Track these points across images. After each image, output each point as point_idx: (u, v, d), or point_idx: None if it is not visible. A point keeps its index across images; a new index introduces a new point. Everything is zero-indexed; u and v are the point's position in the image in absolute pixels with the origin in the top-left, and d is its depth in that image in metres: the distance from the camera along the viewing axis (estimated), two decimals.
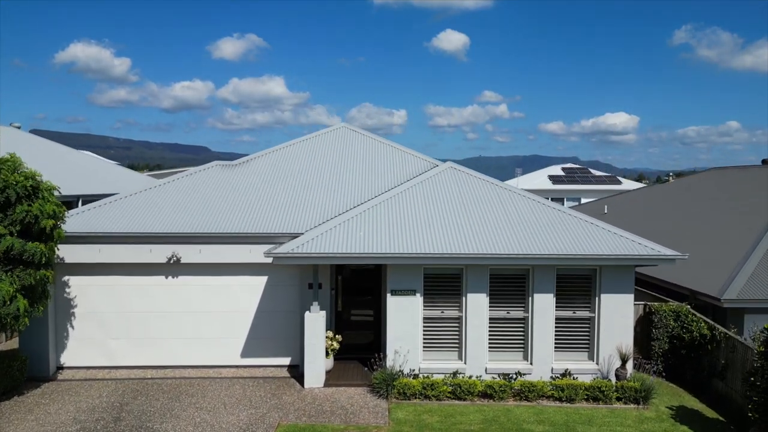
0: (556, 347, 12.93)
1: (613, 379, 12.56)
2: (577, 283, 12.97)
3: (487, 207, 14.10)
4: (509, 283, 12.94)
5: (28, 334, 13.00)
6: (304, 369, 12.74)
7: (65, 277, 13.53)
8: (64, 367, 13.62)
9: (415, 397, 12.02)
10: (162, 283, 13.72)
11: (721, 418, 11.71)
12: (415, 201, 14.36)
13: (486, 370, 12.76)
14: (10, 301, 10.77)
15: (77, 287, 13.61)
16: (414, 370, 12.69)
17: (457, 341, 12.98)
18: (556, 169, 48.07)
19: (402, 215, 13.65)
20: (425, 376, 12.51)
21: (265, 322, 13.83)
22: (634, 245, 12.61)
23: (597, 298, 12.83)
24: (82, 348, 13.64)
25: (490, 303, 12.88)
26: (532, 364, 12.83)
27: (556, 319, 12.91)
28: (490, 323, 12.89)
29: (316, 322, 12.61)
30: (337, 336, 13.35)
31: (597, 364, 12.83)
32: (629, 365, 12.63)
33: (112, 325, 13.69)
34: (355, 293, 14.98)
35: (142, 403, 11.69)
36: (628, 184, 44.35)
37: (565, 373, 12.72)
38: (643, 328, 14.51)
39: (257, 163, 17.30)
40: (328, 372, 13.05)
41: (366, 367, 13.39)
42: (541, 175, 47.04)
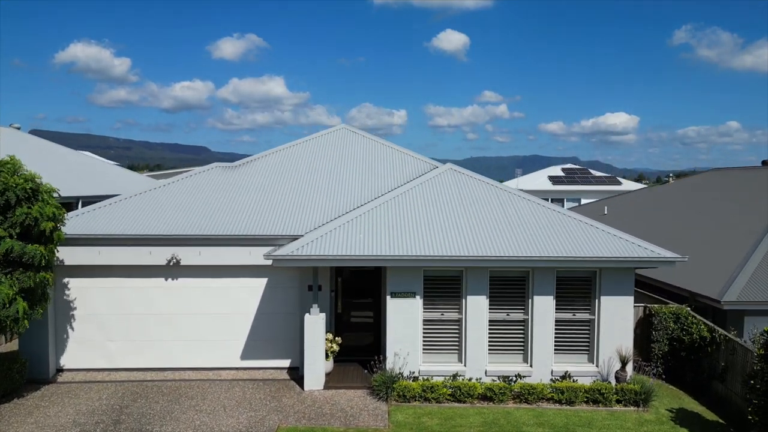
0: (555, 349, 12.93)
1: (612, 382, 12.55)
2: (577, 286, 12.97)
3: (487, 209, 14.10)
4: (509, 285, 12.94)
5: (28, 336, 13.00)
6: (303, 371, 12.73)
7: (65, 279, 13.53)
8: (63, 369, 13.61)
9: (414, 400, 12.01)
10: (162, 285, 13.72)
11: (721, 421, 11.70)
12: (415, 203, 14.35)
13: (486, 373, 12.76)
14: (9, 303, 10.77)
15: (77, 289, 13.61)
16: (414, 373, 12.68)
17: (456, 343, 12.97)
18: (556, 170, 48.03)
19: (402, 217, 13.65)
20: (425, 378, 12.50)
21: (265, 324, 13.83)
22: (633, 247, 12.60)
23: (597, 301, 12.82)
24: (81, 350, 13.64)
25: (490, 305, 12.88)
26: (531, 366, 12.83)
27: (556, 321, 12.90)
28: (489, 325, 12.88)
29: (315, 325, 12.60)
30: (336, 338, 13.35)
31: (597, 366, 12.83)
32: (629, 367, 12.62)
33: (111, 327, 13.68)
34: (354, 295, 14.97)
35: (141, 406, 11.68)
36: (628, 185, 44.34)
37: (565, 376, 12.72)
38: (643, 330, 14.50)
39: (257, 165, 17.30)
40: (327, 374, 13.04)
41: (366, 369, 13.38)
42: (541, 176, 47.00)
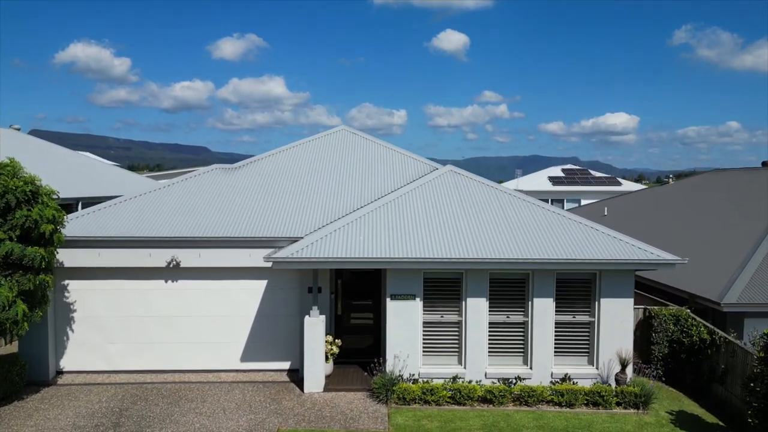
0: (555, 352, 12.92)
1: (612, 384, 12.54)
2: (577, 288, 12.96)
3: (487, 210, 14.10)
4: (509, 287, 12.93)
5: (28, 339, 12.99)
6: (303, 373, 12.73)
7: (65, 282, 13.52)
8: (63, 372, 13.60)
9: (414, 402, 12.00)
10: (161, 287, 13.71)
11: (721, 423, 11.69)
12: (415, 204, 14.35)
13: (486, 375, 12.75)
14: (9, 306, 10.77)
15: (77, 291, 13.61)
16: (414, 375, 12.68)
17: (456, 346, 12.96)
18: (556, 170, 48.03)
19: (402, 219, 13.64)
20: (425, 380, 12.49)
21: (265, 326, 13.82)
22: (633, 249, 12.60)
23: (597, 303, 12.82)
24: (81, 352, 13.63)
25: (490, 307, 12.87)
26: (531, 368, 12.82)
27: (556, 323, 12.89)
28: (489, 328, 12.87)
29: (315, 327, 12.60)
30: (336, 340, 13.34)
31: (597, 368, 12.82)
32: (629, 370, 12.62)
33: (111, 329, 13.68)
34: (354, 297, 14.97)
35: (141, 408, 11.67)
36: (628, 186, 44.35)
37: (565, 378, 12.72)
38: (643, 332, 14.50)
39: (257, 166, 17.30)
40: (327, 376, 13.04)
41: (366, 371, 13.38)
42: (541, 176, 47.01)
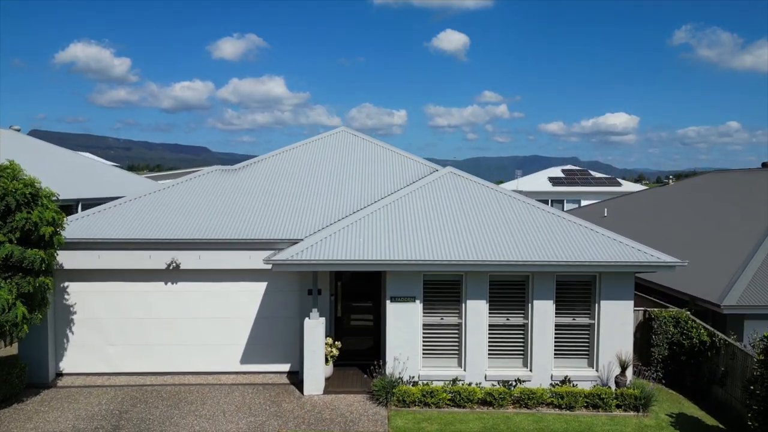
0: (555, 354, 12.91)
1: (612, 386, 12.54)
2: (577, 290, 12.96)
3: (487, 212, 14.09)
4: (509, 289, 12.93)
5: (28, 341, 12.98)
6: (303, 376, 12.72)
7: (64, 284, 13.52)
8: (63, 374, 13.60)
9: (414, 405, 12.00)
10: (161, 289, 13.70)
11: (721, 426, 11.68)
12: (415, 206, 14.34)
13: (485, 377, 12.74)
14: (9, 308, 10.77)
15: (76, 293, 13.60)
16: (413, 377, 12.67)
17: (456, 348, 12.96)
18: (556, 171, 48.02)
19: (401, 221, 13.63)
20: (425, 383, 12.48)
21: (265, 329, 13.82)
22: (633, 252, 12.59)
23: (596, 305, 12.81)
24: (81, 354, 13.62)
25: (490, 309, 12.86)
26: (531, 371, 12.81)
27: (556, 325, 12.88)
28: (489, 330, 12.86)
29: (315, 329, 12.59)
30: (336, 342, 13.34)
31: (597, 371, 12.81)
32: (629, 372, 12.61)
33: (111, 331, 13.68)
34: (354, 298, 14.96)
35: (141, 411, 11.67)
36: (628, 186, 44.35)
37: (565, 380, 12.71)
38: (643, 334, 14.49)
39: (257, 168, 17.30)
40: (327, 379, 13.03)
41: (365, 373, 13.38)
42: (541, 177, 47.00)
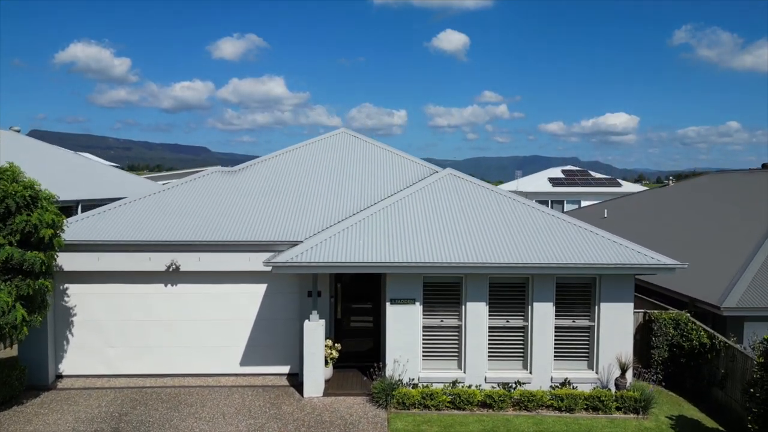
0: (555, 356, 12.91)
1: (612, 389, 12.53)
2: (577, 292, 12.95)
3: (487, 214, 14.08)
4: (509, 291, 12.92)
5: (28, 343, 12.97)
6: (303, 378, 12.72)
7: (64, 285, 13.51)
8: (63, 376, 13.60)
9: (414, 407, 11.99)
10: (161, 291, 13.70)
11: (721, 428, 11.67)
12: (415, 208, 14.33)
13: (485, 380, 12.74)
14: (8, 311, 10.76)
15: (76, 295, 13.60)
16: (413, 380, 12.66)
17: (456, 350, 12.95)
18: (556, 172, 48.01)
19: (401, 223, 13.63)
20: (424, 385, 12.48)
21: (265, 330, 13.81)
22: (633, 254, 12.58)
23: (596, 307, 12.80)
24: (81, 356, 13.62)
25: (490, 312, 12.86)
26: (531, 373, 12.81)
27: (556, 327, 12.88)
28: (489, 332, 12.86)
29: (315, 332, 12.59)
30: (336, 344, 13.33)
31: (597, 373, 12.81)
32: (629, 374, 12.60)
33: (111, 333, 13.67)
34: (354, 300, 14.95)
35: (140, 413, 11.66)
36: (628, 187, 44.36)
37: (565, 383, 12.70)
38: (643, 336, 14.48)
39: (257, 169, 17.29)
40: (327, 381, 13.02)
41: (365, 375, 13.38)
42: (541, 178, 46.99)
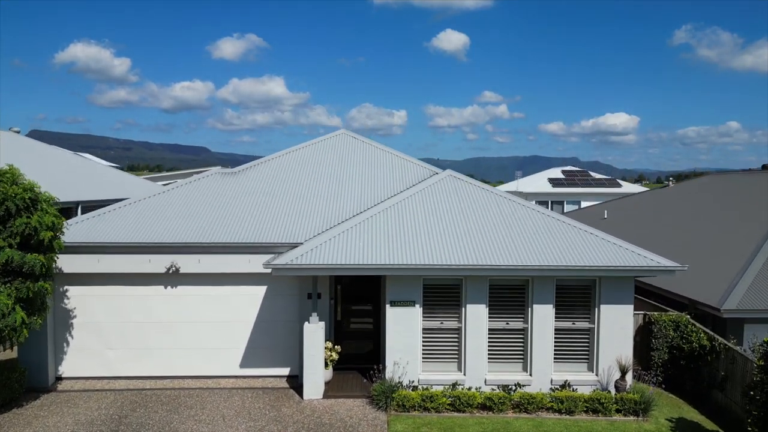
0: (555, 358, 12.91)
1: (612, 391, 12.53)
2: (577, 294, 12.95)
3: (487, 216, 14.08)
4: (509, 293, 12.92)
5: (27, 345, 12.96)
6: (303, 380, 12.72)
7: (64, 287, 13.51)
8: (62, 378, 13.59)
9: (414, 409, 11.99)
10: (161, 293, 13.70)
11: (721, 431, 11.67)
12: (415, 210, 14.33)
13: (485, 382, 12.73)
14: (8, 313, 10.76)
15: (76, 297, 13.59)
16: (413, 382, 12.66)
17: (456, 352, 12.95)
18: (556, 172, 47.98)
19: (401, 225, 13.62)
20: (424, 387, 12.48)
21: (264, 332, 13.81)
22: (633, 256, 12.58)
23: (596, 309, 12.80)
24: (80, 358, 13.62)
25: (490, 314, 12.85)
26: (531, 375, 12.81)
27: (556, 330, 12.88)
28: (489, 334, 12.86)
29: (315, 334, 12.59)
30: (336, 347, 13.33)
31: (596, 375, 12.81)
32: (629, 377, 12.60)
33: (110, 335, 13.67)
34: (354, 301, 14.95)
35: (140, 416, 11.65)
36: (628, 187, 44.36)
37: (565, 385, 12.70)
38: (643, 337, 14.48)
39: (257, 171, 17.29)
40: (327, 383, 13.02)
41: (365, 377, 13.37)
42: (541, 178, 46.96)
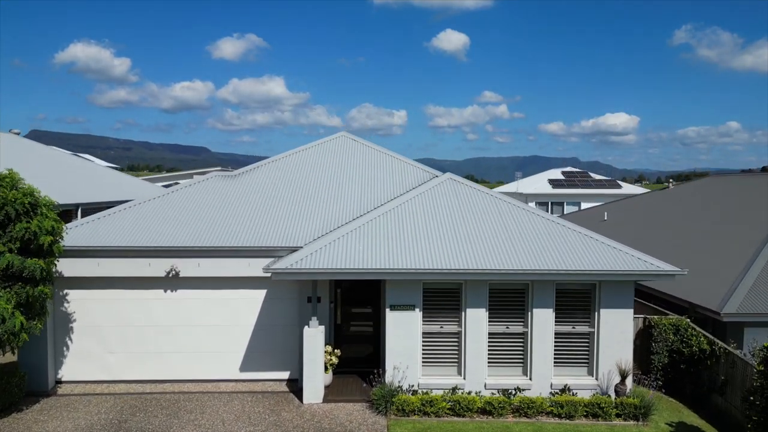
0: (555, 362, 12.90)
1: (612, 395, 12.52)
2: (577, 298, 12.95)
3: (486, 220, 14.07)
4: (508, 297, 12.92)
5: (27, 349, 12.93)
6: (303, 384, 12.72)
7: (64, 291, 13.50)
8: (62, 381, 13.59)
9: (414, 414, 11.98)
10: (161, 296, 13.69)
11: None
12: (414, 214, 14.32)
13: (485, 386, 12.73)
14: (8, 318, 10.75)
15: (76, 301, 13.59)
16: (413, 386, 12.65)
17: (456, 356, 12.94)
18: (556, 173, 47.97)
19: (401, 228, 13.62)
20: (424, 392, 12.47)
21: (264, 336, 13.80)
22: (633, 260, 12.57)
23: (596, 313, 12.80)
24: (80, 362, 13.61)
25: (490, 318, 12.85)
26: (531, 379, 12.80)
27: (556, 334, 12.87)
28: (489, 338, 12.85)
29: (314, 338, 12.58)
30: (336, 350, 13.33)
31: (596, 379, 12.80)
32: (629, 381, 12.59)
33: (110, 339, 13.66)
34: (354, 304, 14.94)
35: (140, 420, 11.65)
36: (627, 188, 44.37)
37: (565, 389, 12.70)
38: (643, 341, 14.48)
39: (257, 173, 17.28)
40: (327, 387, 13.02)
41: (365, 381, 13.37)
42: (541, 179, 46.95)
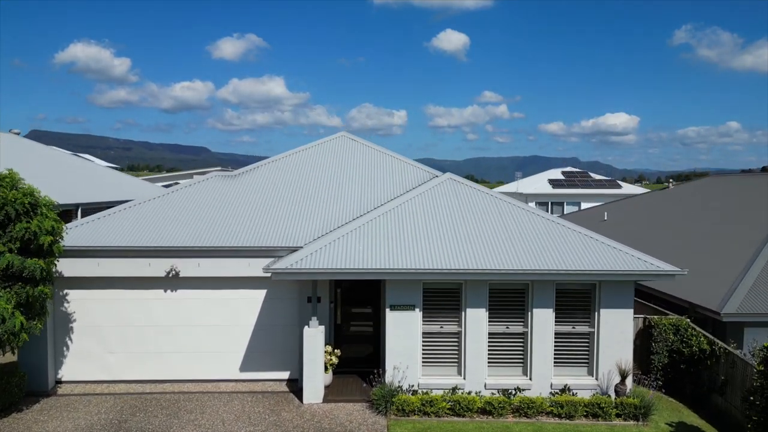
0: (555, 362, 12.90)
1: (612, 395, 12.53)
2: (577, 298, 12.95)
3: (486, 220, 14.07)
4: (508, 297, 12.92)
5: (27, 349, 12.93)
6: (303, 384, 12.72)
7: (64, 291, 13.50)
8: (62, 381, 13.59)
9: (414, 414, 11.98)
10: (161, 296, 13.69)
11: None
12: (414, 213, 14.32)
13: (485, 386, 12.73)
14: (8, 318, 10.75)
15: (76, 301, 13.59)
16: (413, 386, 12.65)
17: (456, 357, 12.94)
18: (556, 173, 47.97)
19: (401, 228, 13.62)
20: (424, 392, 12.47)
21: (264, 336, 13.81)
22: (633, 260, 12.58)
23: (596, 313, 12.80)
24: (80, 362, 13.61)
25: (490, 318, 12.85)
26: (531, 379, 12.80)
27: (556, 334, 12.87)
28: (489, 338, 12.85)
29: (314, 338, 12.58)
30: (336, 350, 13.33)
31: (596, 379, 12.80)
32: (629, 381, 12.59)
33: (110, 338, 13.66)
34: (354, 304, 14.94)
35: (140, 420, 11.65)
36: (627, 188, 44.38)
37: (565, 389, 12.70)
38: (643, 341, 14.48)
39: (257, 173, 17.29)
40: (327, 387, 13.02)
41: (365, 381, 13.37)
42: (541, 179, 46.95)
